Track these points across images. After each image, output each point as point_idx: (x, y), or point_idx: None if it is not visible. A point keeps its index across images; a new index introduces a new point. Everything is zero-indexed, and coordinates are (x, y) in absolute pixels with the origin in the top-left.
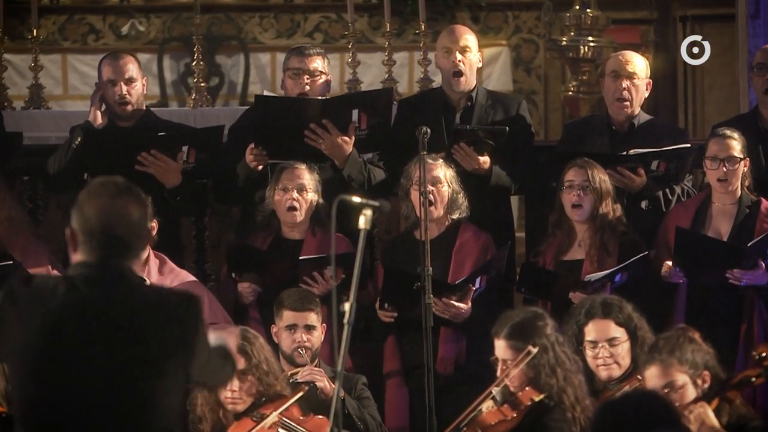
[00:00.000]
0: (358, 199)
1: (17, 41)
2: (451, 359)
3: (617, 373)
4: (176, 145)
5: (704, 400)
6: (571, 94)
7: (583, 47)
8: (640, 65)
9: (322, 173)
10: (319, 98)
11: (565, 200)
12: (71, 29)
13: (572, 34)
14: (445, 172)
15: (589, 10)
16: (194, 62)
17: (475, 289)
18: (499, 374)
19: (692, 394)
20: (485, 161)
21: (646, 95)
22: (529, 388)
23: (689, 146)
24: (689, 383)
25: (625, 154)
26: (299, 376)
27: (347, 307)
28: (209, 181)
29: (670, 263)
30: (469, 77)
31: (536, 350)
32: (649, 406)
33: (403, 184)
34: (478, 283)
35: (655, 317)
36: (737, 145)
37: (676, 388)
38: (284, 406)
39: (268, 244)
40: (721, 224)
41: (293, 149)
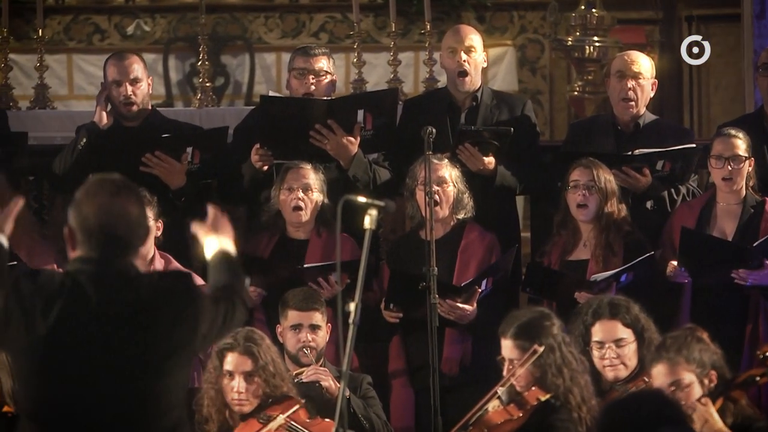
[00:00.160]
0: (363, 199)
1: (23, 41)
2: (456, 360)
3: (624, 373)
4: (180, 146)
5: (708, 399)
6: (576, 94)
7: (588, 47)
8: (645, 65)
9: (327, 173)
10: (324, 99)
11: (570, 200)
12: (77, 29)
13: (578, 34)
14: (450, 172)
15: (594, 10)
16: (199, 62)
17: (481, 291)
18: (505, 374)
19: (698, 393)
20: (490, 161)
21: (651, 95)
22: (535, 387)
23: (694, 146)
24: (696, 382)
25: (630, 154)
26: (304, 375)
27: (352, 307)
28: (214, 181)
29: (675, 263)
30: (474, 77)
31: (542, 349)
32: (655, 405)
33: (408, 184)
34: (484, 285)
35: (659, 317)
36: (742, 144)
37: (682, 386)
38: (287, 413)
39: (273, 244)
40: (725, 224)
41: (298, 150)
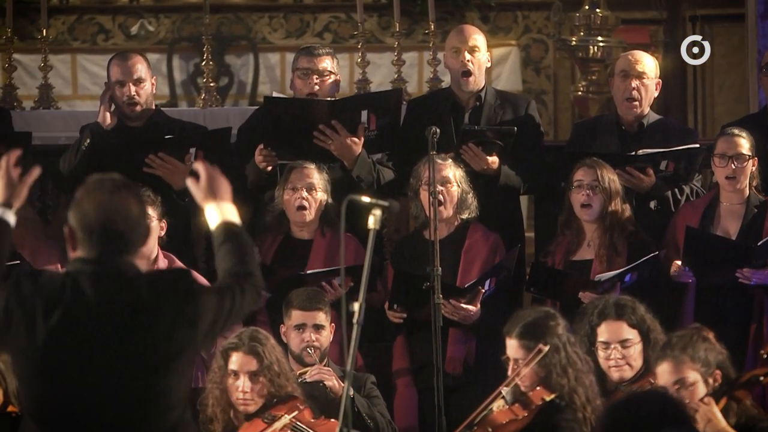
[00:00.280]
0: (367, 199)
1: (27, 41)
2: (460, 359)
3: (629, 374)
4: (184, 147)
5: (712, 398)
6: (580, 94)
7: (592, 47)
8: (649, 65)
9: (331, 174)
10: (328, 99)
11: (574, 200)
12: (81, 29)
13: (582, 34)
14: (454, 172)
15: (598, 10)
16: (204, 62)
17: (484, 291)
18: (510, 373)
19: (703, 391)
20: (494, 161)
21: (655, 95)
22: (540, 387)
23: (698, 146)
24: (700, 381)
25: (634, 154)
26: (308, 375)
27: (356, 307)
28: None
29: (679, 263)
30: (477, 77)
31: (547, 349)
32: (658, 405)
33: (412, 184)
34: (487, 285)
35: (663, 317)
36: (746, 143)
37: (686, 385)
38: (292, 413)
39: (277, 244)
40: (729, 224)
41: (302, 150)
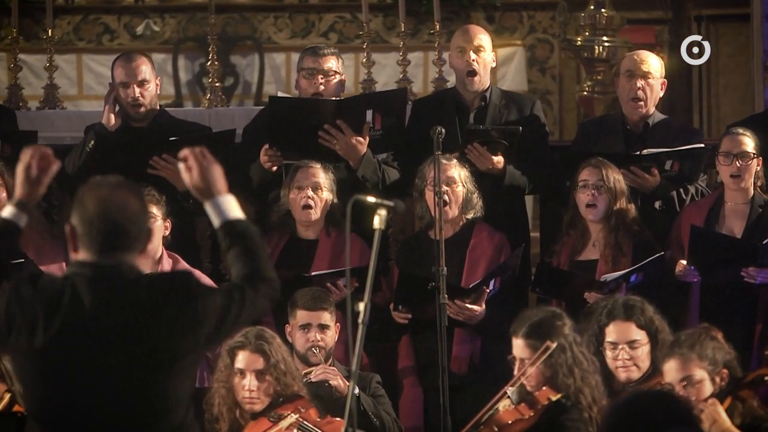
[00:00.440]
0: (372, 199)
1: (32, 41)
2: (465, 359)
3: (636, 375)
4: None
5: (716, 398)
6: (585, 93)
7: (597, 47)
8: (654, 65)
9: (336, 173)
10: (333, 99)
11: (579, 200)
12: (86, 29)
13: (587, 34)
14: (459, 172)
15: (603, 10)
16: (209, 62)
17: (489, 291)
18: (516, 373)
19: (709, 390)
20: (499, 161)
21: (660, 95)
22: (546, 387)
23: (703, 146)
24: (707, 379)
25: (639, 153)
26: (313, 375)
27: (362, 306)
28: None
29: (684, 262)
30: (483, 77)
31: (555, 346)
32: (663, 405)
33: (417, 184)
34: (492, 285)
35: (668, 317)
36: (750, 142)
37: (693, 382)
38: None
39: (282, 244)
40: (733, 224)
41: (307, 150)
